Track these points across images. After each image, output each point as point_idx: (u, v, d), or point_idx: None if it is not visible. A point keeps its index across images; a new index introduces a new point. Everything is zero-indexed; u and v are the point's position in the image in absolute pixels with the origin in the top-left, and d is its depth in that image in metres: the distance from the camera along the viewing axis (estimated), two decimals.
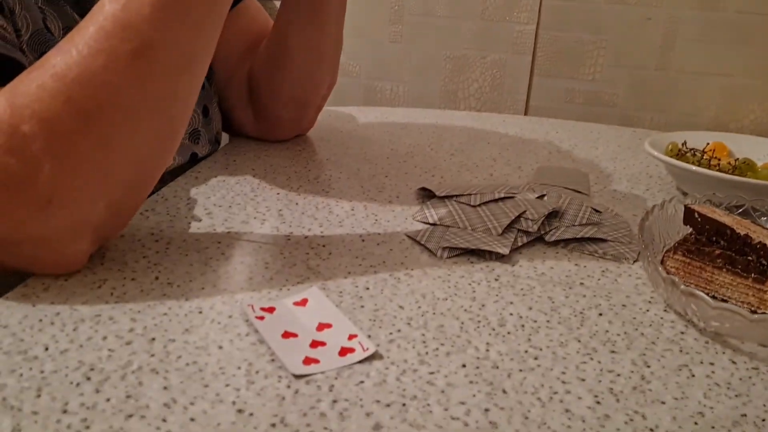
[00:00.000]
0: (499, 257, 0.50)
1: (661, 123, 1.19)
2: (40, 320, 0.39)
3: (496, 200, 0.56)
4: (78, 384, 0.34)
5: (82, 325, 0.39)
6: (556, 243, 0.52)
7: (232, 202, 0.58)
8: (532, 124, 0.90)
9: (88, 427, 0.31)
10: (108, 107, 0.39)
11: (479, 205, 0.55)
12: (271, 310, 0.41)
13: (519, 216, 0.53)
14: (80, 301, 0.41)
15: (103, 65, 0.38)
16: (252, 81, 0.70)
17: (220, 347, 0.38)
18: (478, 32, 1.21)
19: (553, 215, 0.54)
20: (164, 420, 0.32)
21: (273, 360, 0.37)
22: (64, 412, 0.32)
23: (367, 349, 0.37)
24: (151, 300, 0.42)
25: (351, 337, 0.38)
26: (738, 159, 0.64)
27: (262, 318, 0.40)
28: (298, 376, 0.35)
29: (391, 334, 0.40)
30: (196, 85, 0.44)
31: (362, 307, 0.42)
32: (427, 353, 0.38)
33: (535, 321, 0.42)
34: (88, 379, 0.34)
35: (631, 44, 1.16)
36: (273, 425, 0.32)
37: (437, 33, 1.23)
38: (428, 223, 0.54)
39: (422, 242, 0.51)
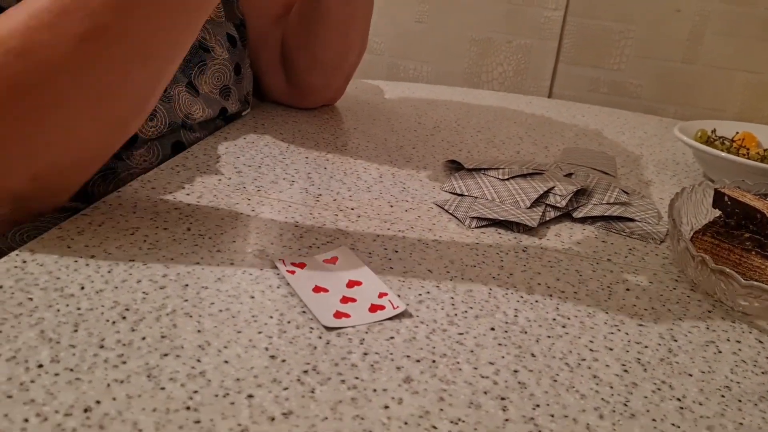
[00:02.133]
0: (527, 230, 0.50)
1: (685, 116, 1.18)
2: (75, 261, 0.39)
3: (524, 175, 0.56)
4: (114, 322, 0.34)
5: (116, 268, 0.39)
6: (583, 220, 0.52)
7: (261, 163, 0.58)
8: (557, 107, 0.90)
9: (124, 362, 0.32)
10: (42, 86, 0.36)
11: (507, 179, 0.55)
12: (301, 265, 0.41)
13: (547, 191, 0.53)
14: (114, 246, 0.41)
15: (48, 42, 0.35)
16: (285, 45, 0.70)
17: (252, 297, 0.38)
18: (505, 16, 1.21)
19: (581, 193, 0.55)
20: (199, 360, 0.32)
21: (304, 312, 0.37)
22: (101, 347, 0.33)
23: (397, 307, 0.37)
24: (184, 249, 0.42)
25: (381, 295, 0.39)
26: (767, 149, 0.64)
27: (293, 272, 0.40)
28: (329, 329, 0.36)
29: (420, 295, 0.40)
30: (153, 81, 0.41)
31: (391, 268, 0.43)
32: (455, 315, 0.39)
33: (563, 292, 0.42)
34: (124, 318, 0.35)
35: (658, 35, 1.15)
36: (305, 372, 0.32)
37: (463, 14, 1.23)
38: (456, 194, 0.54)
39: (450, 211, 0.51)
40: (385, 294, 0.39)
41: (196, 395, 0.30)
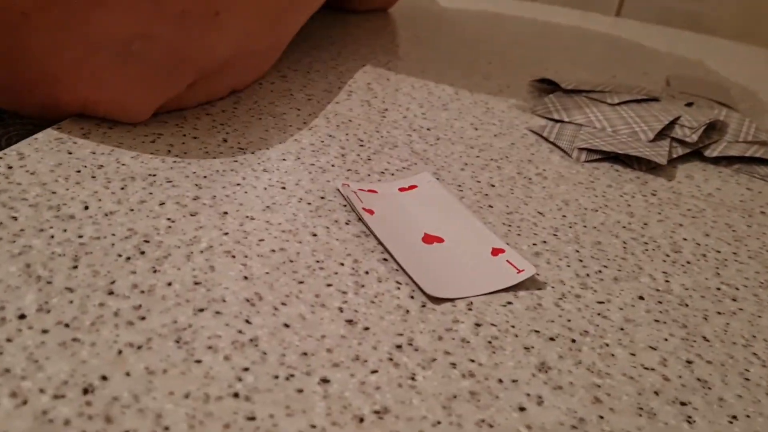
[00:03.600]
0: (651, 168, 0.39)
1: None
2: (78, 171, 0.29)
3: (638, 101, 0.45)
4: (128, 258, 0.24)
5: (132, 184, 0.29)
6: (717, 160, 0.42)
7: (310, 68, 0.47)
8: (647, 30, 0.78)
9: (143, 318, 0.22)
10: None
11: (619, 105, 0.44)
12: (372, 192, 0.31)
13: (673, 122, 0.42)
14: (129, 155, 0.31)
15: None
16: None
17: (314, 234, 0.28)
18: None
19: (711, 127, 0.44)
20: (248, 321, 0.22)
21: (386, 259, 0.27)
22: (110, 293, 0.23)
23: (522, 270, 0.27)
24: (220, 165, 0.32)
25: (496, 251, 0.28)
26: None
27: (371, 212, 0.30)
28: (435, 299, 0.25)
29: (535, 245, 0.30)
30: None
31: (490, 207, 0.32)
32: (588, 275, 0.28)
33: (719, 252, 0.32)
34: (142, 253, 0.25)
35: None
36: (398, 347, 0.23)
37: None
38: (553, 119, 0.43)
39: (551, 140, 0.40)
40: (501, 250, 0.28)
41: (246, 375, 0.20)
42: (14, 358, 0.20)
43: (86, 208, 0.27)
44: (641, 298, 0.28)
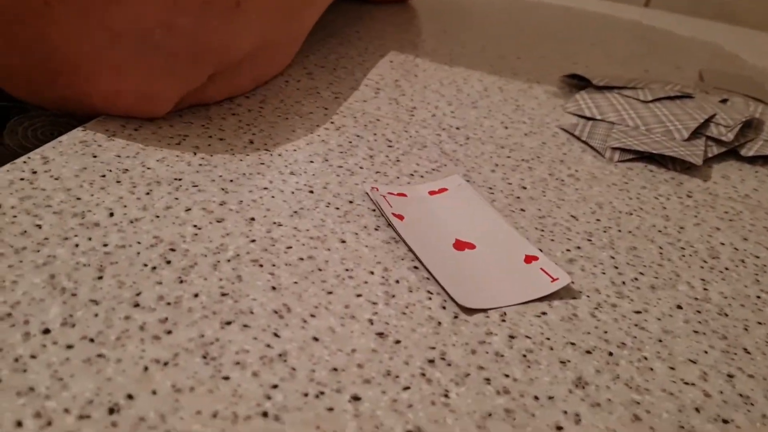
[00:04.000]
0: (686, 168, 0.38)
1: None
2: (103, 176, 0.29)
3: (671, 98, 0.43)
4: (154, 268, 0.24)
5: (158, 189, 0.29)
6: (753, 159, 0.40)
7: (337, 64, 0.46)
8: (678, 22, 0.76)
9: (169, 332, 0.21)
10: None
11: (652, 102, 0.43)
12: (402, 195, 0.31)
13: (708, 120, 0.41)
14: (155, 158, 0.31)
15: None
16: None
17: (342, 241, 0.27)
18: None
19: (747, 125, 0.42)
20: (276, 335, 0.22)
21: (416, 267, 0.26)
22: (136, 305, 0.22)
23: (557, 279, 0.26)
24: (246, 168, 0.31)
25: (529, 258, 0.27)
26: None
27: (401, 217, 0.29)
28: (468, 310, 0.25)
29: (569, 251, 0.29)
30: None
31: (522, 210, 0.32)
32: (623, 283, 0.28)
33: (758, 257, 0.31)
34: (168, 262, 0.24)
35: None
36: (431, 362, 0.22)
37: None
38: (585, 117, 0.42)
39: (583, 138, 0.39)
40: (534, 258, 0.27)
41: (275, 392, 0.20)
42: (38, 375, 0.19)
43: (111, 214, 0.27)
44: (679, 307, 0.27)
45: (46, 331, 0.21)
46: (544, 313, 0.25)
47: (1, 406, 0.18)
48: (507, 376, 0.22)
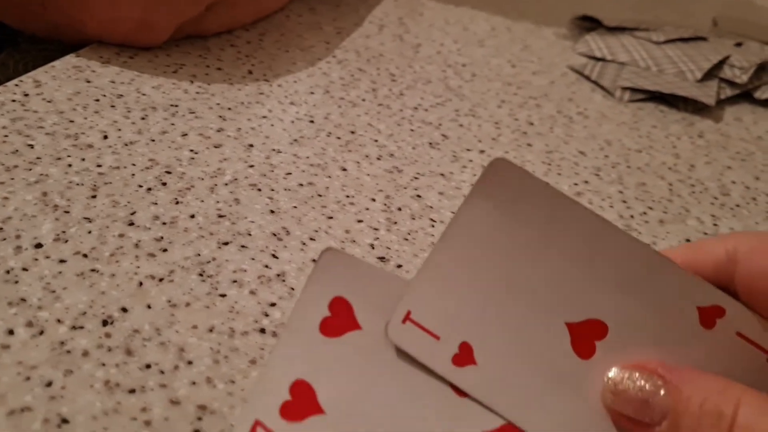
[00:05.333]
0: (698, 109, 0.37)
1: None
2: (97, 100, 0.28)
3: (684, 39, 0.42)
4: (150, 189, 0.23)
5: (153, 115, 0.28)
6: (767, 102, 0.39)
7: (340, 1, 0.45)
8: None
9: (164, 250, 0.21)
10: None
11: (665, 43, 0.41)
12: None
13: (722, 61, 0.40)
14: (150, 85, 0.30)
15: None
16: None
17: (344, 169, 0.26)
18: None
19: (761, 68, 0.41)
20: (274, 256, 0.21)
21: (419, 196, 0.26)
22: (131, 224, 0.21)
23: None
24: (245, 97, 0.30)
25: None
26: None
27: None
28: None
29: (576, 184, 0.28)
30: None
31: (529, 145, 0.31)
32: (632, 216, 0.27)
33: None
34: (164, 184, 0.24)
35: None
36: None
37: None
38: (594, 58, 0.41)
39: (593, 78, 0.38)
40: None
41: (273, 310, 0.19)
42: (30, 287, 0.19)
43: (105, 137, 0.26)
44: (688, 240, 0.26)
45: (39, 246, 0.20)
46: None
47: None
48: None
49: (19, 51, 0.35)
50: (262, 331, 0.19)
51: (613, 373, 0.14)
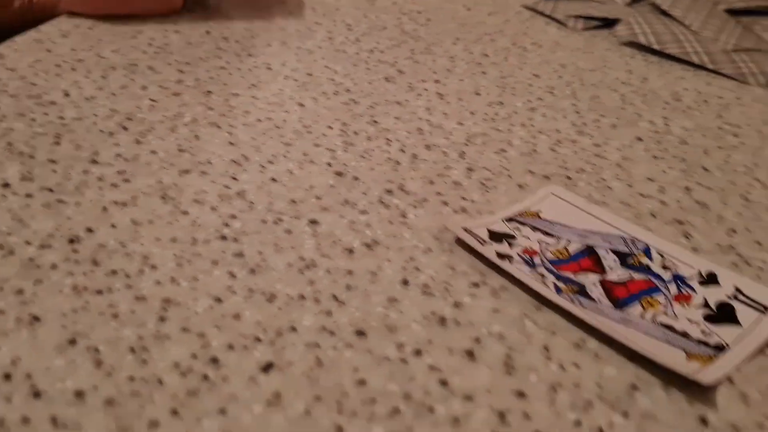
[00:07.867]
0: None
1: None
2: (58, 65, 0.29)
3: None
4: (111, 133, 0.24)
5: (113, 73, 0.28)
6: None
7: None
8: None
9: (127, 181, 0.22)
10: None
11: None
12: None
13: None
14: (109, 49, 0.31)
15: None
16: None
17: (301, 105, 0.27)
18: None
19: None
20: (234, 178, 0.22)
21: (376, 121, 0.27)
22: (94, 162, 0.22)
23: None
24: (203, 53, 0.31)
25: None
26: None
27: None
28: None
29: (529, 101, 0.29)
30: None
31: (483, 73, 0.32)
32: (584, 124, 0.28)
33: (720, 98, 0.31)
34: (125, 129, 0.24)
35: None
36: (389, 191, 0.22)
37: None
38: None
39: (547, 13, 0.39)
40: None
41: (233, 221, 0.20)
42: (0, 217, 0.19)
43: (67, 95, 0.26)
44: (639, 139, 0.27)
45: (6, 185, 0.21)
46: (503, 150, 0.25)
47: None
48: (464, 198, 0.22)
49: None
50: (223, 238, 0.20)
51: None
